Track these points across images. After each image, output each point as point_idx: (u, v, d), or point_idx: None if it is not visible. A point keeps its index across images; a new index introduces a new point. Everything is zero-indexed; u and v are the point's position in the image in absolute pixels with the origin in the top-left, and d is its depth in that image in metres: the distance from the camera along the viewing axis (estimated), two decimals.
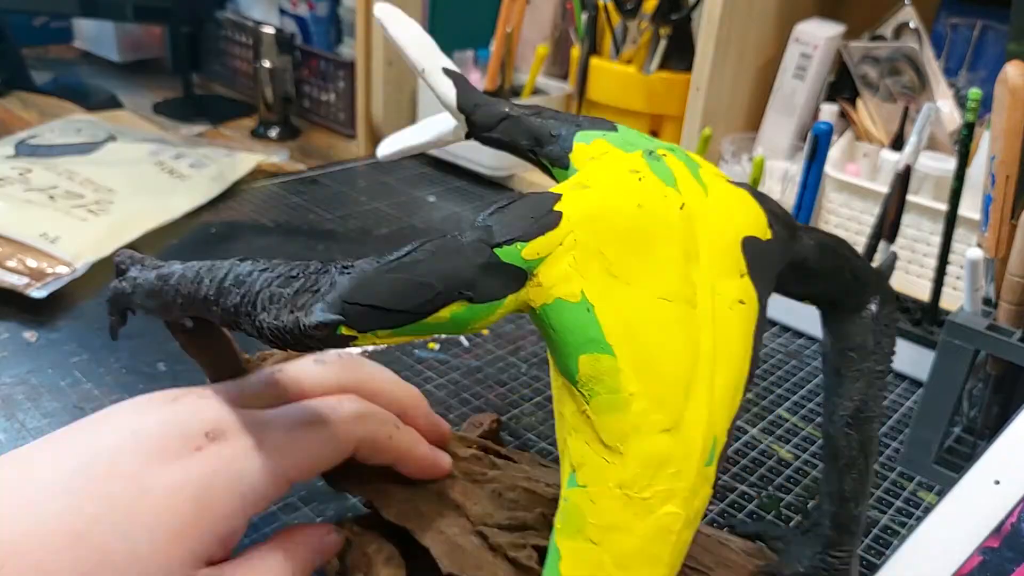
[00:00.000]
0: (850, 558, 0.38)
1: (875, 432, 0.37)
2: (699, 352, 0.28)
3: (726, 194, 0.31)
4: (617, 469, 0.27)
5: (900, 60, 0.77)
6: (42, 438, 0.31)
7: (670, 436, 0.27)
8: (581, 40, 0.94)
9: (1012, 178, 0.50)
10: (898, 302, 0.68)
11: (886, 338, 0.37)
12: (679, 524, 0.27)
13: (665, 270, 0.28)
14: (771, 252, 0.32)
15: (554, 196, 0.28)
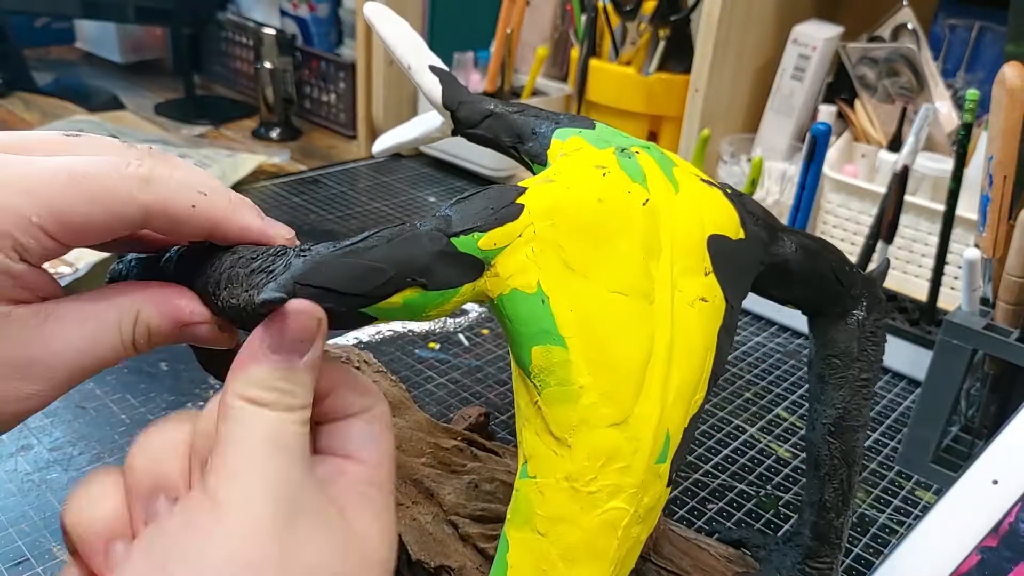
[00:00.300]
0: (830, 570, 0.37)
1: (859, 442, 0.36)
2: (654, 348, 0.28)
3: (697, 193, 0.31)
4: (565, 461, 0.27)
5: (898, 61, 0.77)
6: None
7: (619, 431, 0.27)
8: (580, 42, 0.94)
9: (1010, 178, 0.50)
10: (894, 303, 0.68)
11: (872, 345, 0.36)
12: (625, 519, 0.27)
13: (623, 265, 0.28)
14: (743, 252, 0.31)
15: (519, 189, 0.28)
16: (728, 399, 0.62)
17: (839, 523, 0.37)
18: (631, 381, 0.27)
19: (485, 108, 0.37)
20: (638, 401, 0.27)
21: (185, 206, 0.24)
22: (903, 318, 0.66)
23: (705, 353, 0.29)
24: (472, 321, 0.69)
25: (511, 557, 0.27)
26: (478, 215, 0.27)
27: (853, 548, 0.48)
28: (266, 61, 1.09)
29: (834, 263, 0.35)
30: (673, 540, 0.39)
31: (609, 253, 0.28)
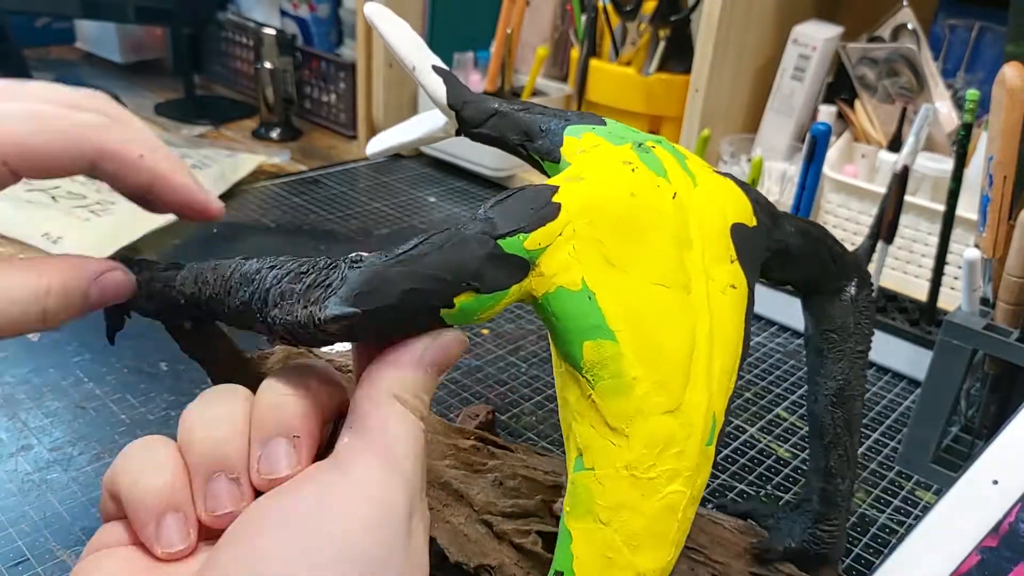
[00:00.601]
0: (839, 531, 0.39)
1: (858, 410, 0.39)
2: (696, 336, 0.29)
3: (714, 183, 0.33)
4: (623, 451, 0.28)
5: (898, 61, 0.77)
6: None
7: (673, 417, 0.28)
8: (581, 42, 0.94)
9: (1010, 179, 0.50)
10: (894, 303, 0.68)
11: (865, 319, 0.38)
12: (684, 502, 0.28)
13: (660, 257, 0.29)
14: (756, 238, 0.33)
15: (552, 188, 0.29)
16: (729, 399, 0.62)
17: (845, 487, 0.39)
18: (680, 369, 0.28)
19: (490, 107, 0.38)
20: (687, 388, 0.29)
21: (134, 154, 0.26)
22: (903, 318, 0.66)
23: (738, 337, 0.31)
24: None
25: (575, 547, 0.28)
26: (520, 216, 0.27)
27: (853, 548, 0.48)
28: (266, 61, 1.09)
29: (829, 244, 0.38)
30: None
31: (646, 247, 0.29)
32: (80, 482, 0.48)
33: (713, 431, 0.29)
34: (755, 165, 0.69)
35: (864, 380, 0.39)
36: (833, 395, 0.38)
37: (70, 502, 0.46)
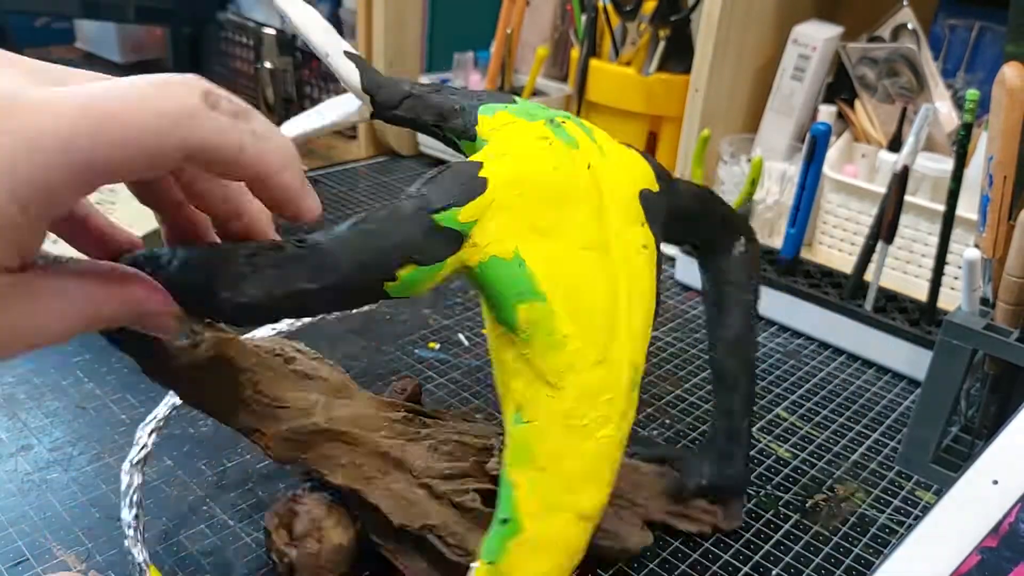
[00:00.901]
0: (744, 464, 0.44)
1: (752, 355, 0.43)
2: (617, 293, 0.32)
3: (620, 154, 0.36)
4: (559, 402, 0.30)
5: (898, 61, 0.77)
6: None
7: (602, 368, 0.31)
8: (581, 42, 0.94)
9: (1010, 179, 0.50)
10: (894, 303, 0.68)
11: (754, 271, 0.42)
12: (615, 444, 0.31)
13: (582, 223, 0.32)
14: (660, 202, 0.36)
15: (476, 164, 0.31)
16: None
17: (744, 425, 0.43)
18: (606, 325, 0.31)
19: (403, 90, 0.39)
20: (613, 342, 0.31)
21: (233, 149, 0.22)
22: (903, 318, 0.66)
23: (651, 292, 0.34)
24: (472, 321, 0.69)
25: (518, 495, 0.31)
26: (452, 191, 0.30)
27: (853, 548, 0.48)
28: (266, 61, 1.09)
29: (719, 205, 0.41)
30: None
31: (569, 214, 0.32)
32: (80, 482, 0.48)
33: (636, 378, 0.32)
34: (755, 165, 0.69)
35: (756, 329, 0.43)
36: (730, 343, 0.42)
37: (70, 502, 0.46)
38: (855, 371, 0.67)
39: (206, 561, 0.43)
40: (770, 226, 0.82)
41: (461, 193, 0.30)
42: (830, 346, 0.69)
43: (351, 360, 0.62)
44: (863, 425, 0.60)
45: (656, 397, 0.61)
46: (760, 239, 0.81)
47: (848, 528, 0.50)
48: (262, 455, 0.44)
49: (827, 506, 0.51)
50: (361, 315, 0.69)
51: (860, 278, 0.68)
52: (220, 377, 0.36)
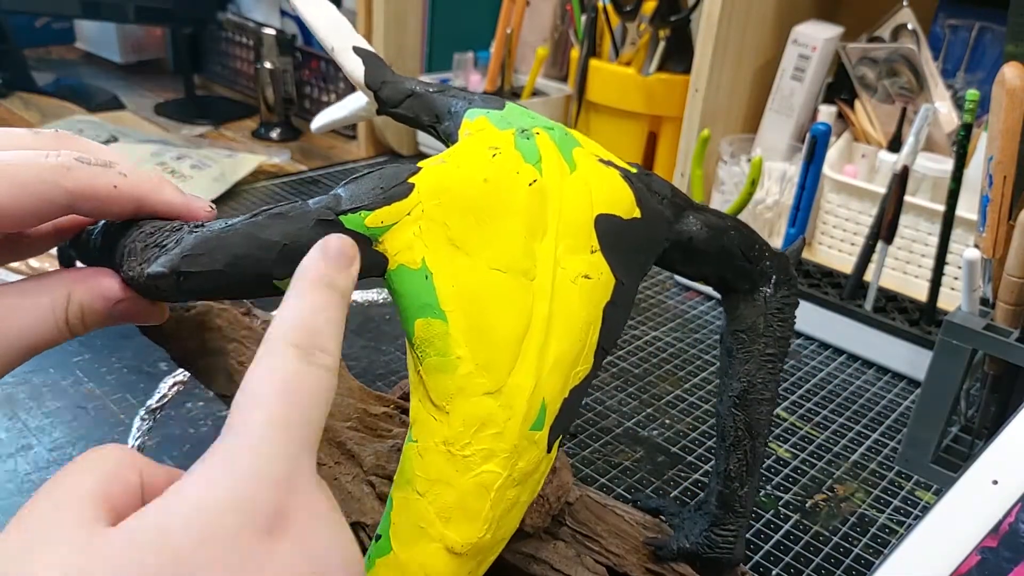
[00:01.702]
0: (735, 536, 0.38)
1: (763, 414, 0.37)
2: (532, 322, 0.29)
3: (591, 174, 0.33)
4: (443, 427, 0.29)
5: (898, 61, 0.77)
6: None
7: (493, 399, 0.29)
8: (580, 42, 0.94)
9: (1009, 179, 0.50)
10: (894, 303, 0.68)
11: (779, 322, 0.37)
12: (499, 482, 0.29)
13: (505, 242, 0.30)
14: (637, 231, 0.33)
15: (412, 169, 0.30)
16: None
17: (743, 493, 0.38)
18: (506, 353, 0.29)
19: (407, 88, 0.38)
20: (513, 372, 0.29)
21: (107, 188, 0.26)
22: (903, 318, 0.66)
23: (586, 327, 0.30)
24: None
25: (394, 515, 0.29)
26: (367, 194, 0.29)
27: (853, 548, 0.48)
28: (266, 61, 1.09)
29: (741, 240, 0.36)
30: (590, 506, 0.41)
31: (492, 231, 0.30)
32: None
33: (543, 417, 0.29)
34: (755, 165, 0.69)
35: (775, 385, 0.38)
36: (736, 397, 0.37)
37: None
38: (855, 371, 0.67)
39: None
40: (770, 226, 0.82)
41: (377, 196, 0.29)
42: (830, 346, 0.69)
43: (351, 360, 0.62)
44: (863, 425, 0.60)
45: (656, 397, 0.61)
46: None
47: (848, 528, 0.50)
48: None
49: (827, 506, 0.51)
50: (361, 315, 0.69)
51: (860, 278, 0.68)
52: (206, 343, 0.39)
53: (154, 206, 0.28)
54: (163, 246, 0.27)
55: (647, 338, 0.69)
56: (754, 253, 0.37)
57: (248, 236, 0.27)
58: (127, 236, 0.28)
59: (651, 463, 0.54)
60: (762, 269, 0.37)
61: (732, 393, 0.37)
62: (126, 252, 0.27)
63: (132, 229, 0.28)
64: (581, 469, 0.53)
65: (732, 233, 0.36)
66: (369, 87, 0.39)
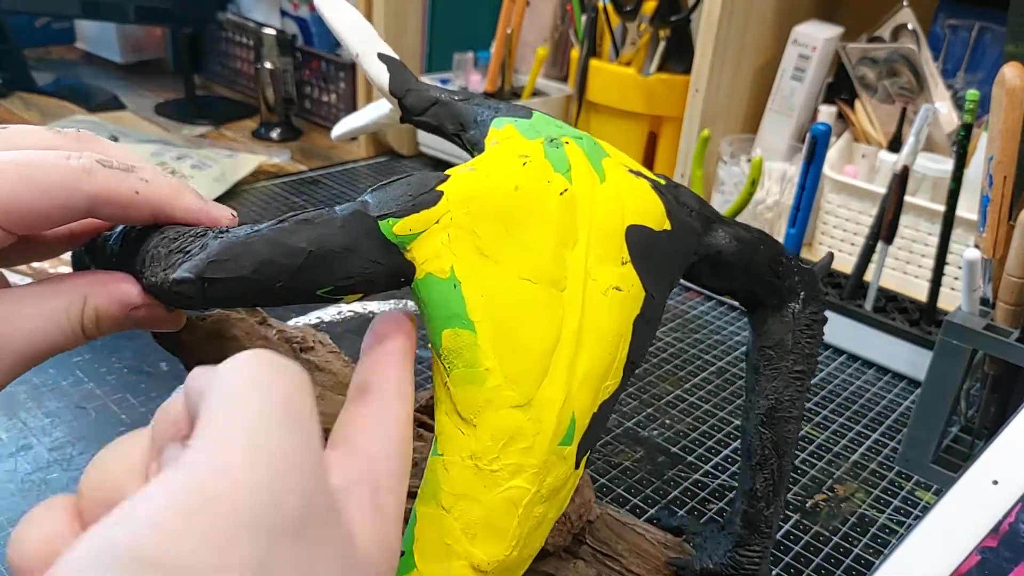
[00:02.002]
0: (760, 557, 0.38)
1: (791, 432, 0.37)
2: (561, 334, 0.29)
3: (621, 183, 0.32)
4: (470, 440, 0.28)
5: (898, 61, 0.77)
6: None
7: (522, 412, 0.28)
8: (581, 42, 0.94)
9: (1010, 179, 0.50)
10: (894, 303, 0.68)
11: (807, 338, 0.37)
12: (527, 498, 0.28)
13: (535, 252, 0.29)
14: (667, 243, 0.32)
15: (441, 176, 0.29)
16: (728, 399, 0.62)
17: (769, 513, 0.37)
18: (536, 365, 0.28)
19: (431, 96, 0.38)
20: (542, 385, 0.28)
21: (129, 193, 0.26)
22: (903, 318, 0.66)
23: (617, 340, 0.30)
24: None
25: (418, 530, 0.29)
26: (395, 201, 0.28)
27: (853, 548, 0.48)
28: (266, 61, 1.09)
29: (770, 255, 0.36)
30: (610, 524, 0.40)
31: (522, 241, 0.29)
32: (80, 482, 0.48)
33: (572, 432, 0.29)
34: (755, 165, 0.69)
35: (802, 402, 0.37)
36: (764, 415, 0.36)
37: None
38: (855, 371, 0.67)
39: None
40: (770, 226, 0.82)
41: (405, 204, 0.28)
42: (830, 346, 0.69)
43: (353, 361, 0.62)
44: (863, 425, 0.60)
45: (656, 397, 0.61)
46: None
47: (848, 528, 0.50)
48: None
49: (827, 506, 0.51)
50: (361, 314, 0.69)
51: (860, 278, 0.68)
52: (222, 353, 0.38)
53: (174, 212, 0.27)
54: (187, 251, 0.26)
55: None
56: (782, 268, 0.36)
57: (274, 242, 0.26)
58: (149, 241, 0.27)
59: (651, 463, 0.54)
60: (790, 285, 0.36)
61: (759, 411, 0.36)
62: (148, 258, 0.27)
63: (154, 234, 0.27)
64: None
65: (761, 247, 0.36)
66: (394, 94, 0.39)
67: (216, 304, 0.28)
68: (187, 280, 0.26)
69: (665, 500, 0.51)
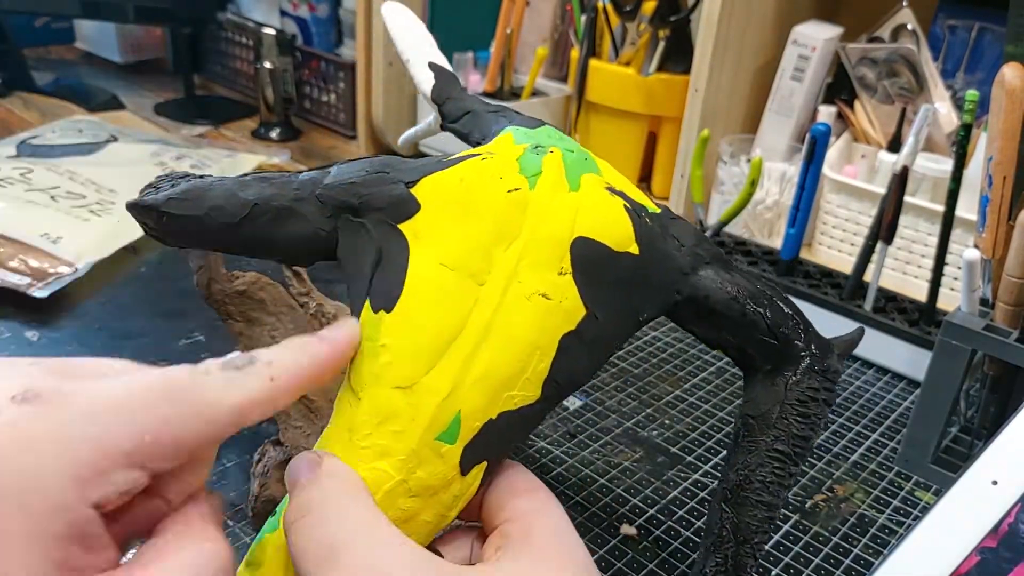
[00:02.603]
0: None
1: (756, 519, 0.32)
2: (466, 326, 0.28)
3: (589, 198, 0.31)
4: (352, 412, 0.28)
5: (898, 62, 0.77)
6: None
7: (403, 394, 0.27)
8: (580, 42, 0.94)
9: (1009, 179, 0.50)
10: (894, 303, 0.68)
11: (797, 416, 0.32)
12: (389, 484, 0.27)
13: (463, 242, 0.29)
14: (626, 266, 0.30)
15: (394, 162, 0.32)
16: (728, 399, 0.62)
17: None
18: (429, 350, 0.28)
19: (466, 106, 0.39)
20: (431, 372, 0.27)
21: (272, 390, 0.24)
22: (903, 319, 0.66)
23: (530, 350, 0.28)
24: None
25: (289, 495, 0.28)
26: (354, 174, 0.31)
27: (853, 548, 0.48)
28: (266, 61, 1.09)
29: (773, 312, 0.32)
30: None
31: (454, 229, 0.29)
32: None
33: (455, 430, 0.27)
34: (754, 165, 0.69)
35: (779, 489, 0.32)
36: (728, 490, 0.32)
37: None
38: (855, 371, 0.67)
39: None
40: (769, 226, 0.82)
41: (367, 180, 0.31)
42: None
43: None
44: (863, 425, 0.60)
45: (656, 397, 0.61)
46: (760, 239, 0.82)
47: (848, 528, 0.50)
48: (261, 453, 0.45)
49: (827, 506, 0.51)
50: None
51: (860, 278, 0.68)
52: (247, 313, 0.44)
53: (318, 374, 0.26)
54: (158, 187, 0.30)
55: (647, 338, 0.69)
56: (784, 330, 0.32)
57: (229, 192, 0.29)
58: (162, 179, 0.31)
59: (651, 463, 0.54)
60: (792, 350, 0.32)
61: (725, 485, 0.32)
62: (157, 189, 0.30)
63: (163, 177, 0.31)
64: (581, 469, 0.53)
65: (763, 302, 0.32)
66: (434, 101, 0.40)
67: (177, 239, 0.31)
68: (145, 208, 0.29)
69: (665, 500, 0.51)
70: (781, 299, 0.33)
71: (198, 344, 0.62)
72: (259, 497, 0.43)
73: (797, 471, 0.33)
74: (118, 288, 0.69)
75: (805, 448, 0.32)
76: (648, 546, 0.46)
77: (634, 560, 0.45)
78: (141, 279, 0.70)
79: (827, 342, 0.33)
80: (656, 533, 0.48)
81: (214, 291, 0.43)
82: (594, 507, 0.49)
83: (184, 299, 0.67)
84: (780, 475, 0.32)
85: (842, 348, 0.34)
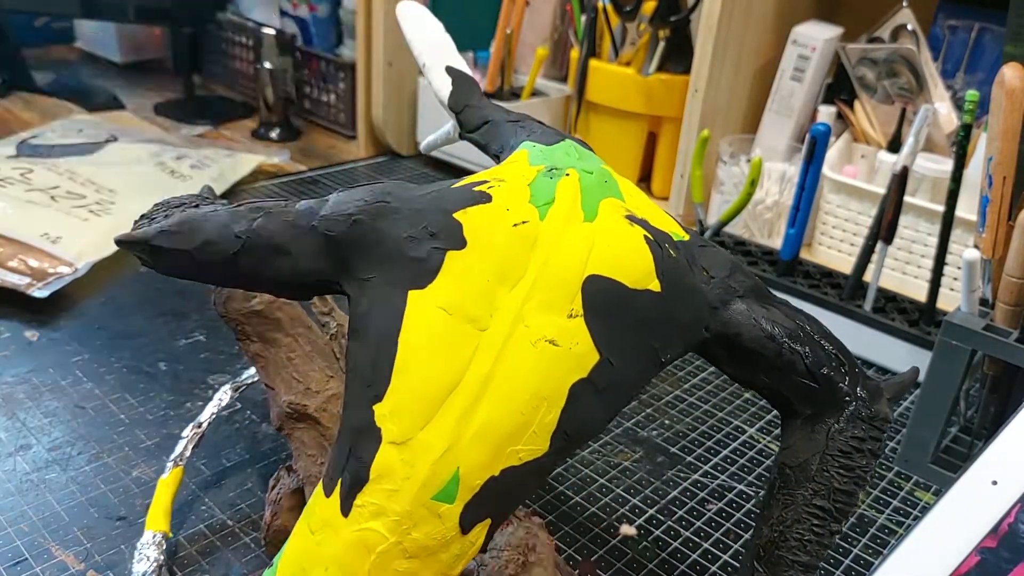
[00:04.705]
0: None
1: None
2: (465, 377, 0.25)
3: (605, 229, 0.28)
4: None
5: (897, 62, 0.77)
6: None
7: (397, 451, 0.25)
8: (580, 42, 0.94)
9: (1009, 179, 0.50)
10: (893, 303, 0.68)
11: (840, 468, 0.29)
12: (382, 546, 0.25)
13: (463, 283, 0.26)
14: (647, 305, 0.27)
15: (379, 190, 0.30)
16: (728, 399, 0.62)
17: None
18: (424, 403, 0.25)
19: (484, 115, 0.38)
20: (427, 427, 0.25)
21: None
22: (902, 319, 0.66)
23: (536, 401, 0.26)
24: None
25: (288, 544, 0.27)
26: (352, 204, 0.29)
27: (852, 548, 0.48)
28: (266, 61, 1.09)
29: (813, 352, 0.29)
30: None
31: (453, 265, 0.27)
32: (79, 482, 0.48)
33: (454, 489, 0.25)
34: (754, 166, 0.69)
35: (818, 548, 0.29)
36: (761, 547, 0.29)
37: (68, 502, 0.46)
38: None
39: (205, 561, 0.43)
40: (770, 226, 0.82)
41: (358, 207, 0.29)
42: None
43: None
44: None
45: (656, 397, 0.61)
46: (760, 239, 0.82)
47: (848, 528, 0.50)
48: (261, 455, 0.45)
49: None
50: None
51: (859, 278, 0.68)
52: (264, 333, 0.44)
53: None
54: (152, 219, 0.29)
55: None
56: (826, 371, 0.29)
57: (222, 224, 0.28)
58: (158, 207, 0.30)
59: (651, 463, 0.54)
60: (836, 394, 0.29)
61: (758, 541, 0.29)
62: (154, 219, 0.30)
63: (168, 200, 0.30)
64: (581, 469, 0.53)
65: (803, 339, 0.29)
66: (451, 109, 0.38)
67: (169, 272, 0.30)
68: (134, 243, 0.28)
69: (664, 500, 0.51)
70: (824, 335, 0.30)
71: (198, 344, 0.62)
72: (271, 527, 0.42)
73: (839, 529, 0.29)
74: (118, 288, 0.69)
75: (848, 504, 0.29)
76: (648, 546, 0.46)
77: (634, 560, 0.45)
78: (141, 279, 0.70)
79: (876, 384, 0.31)
80: (656, 533, 0.48)
81: (230, 310, 0.43)
82: (594, 507, 0.49)
83: (184, 299, 0.67)
84: (819, 533, 0.29)
85: (893, 391, 0.31)
